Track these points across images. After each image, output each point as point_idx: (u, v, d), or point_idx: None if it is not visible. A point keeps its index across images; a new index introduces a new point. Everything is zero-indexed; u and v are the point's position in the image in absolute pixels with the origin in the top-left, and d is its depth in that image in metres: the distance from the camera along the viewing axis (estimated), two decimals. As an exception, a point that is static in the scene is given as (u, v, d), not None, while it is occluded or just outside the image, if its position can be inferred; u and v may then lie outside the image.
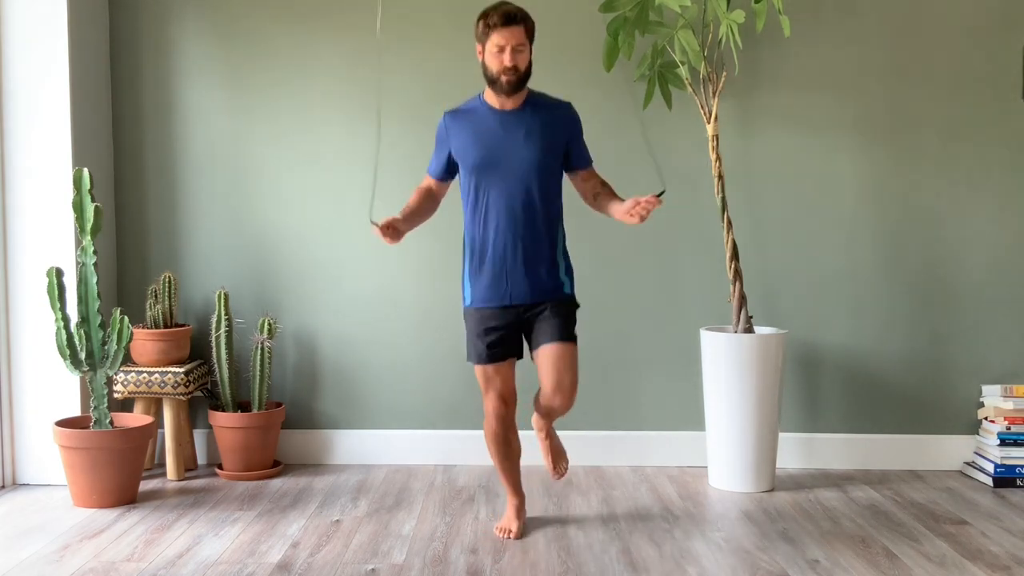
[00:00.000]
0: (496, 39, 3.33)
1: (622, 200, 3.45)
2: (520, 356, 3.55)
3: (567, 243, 3.57)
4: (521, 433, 3.66)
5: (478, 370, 3.54)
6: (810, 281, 4.47)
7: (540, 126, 3.44)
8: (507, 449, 3.58)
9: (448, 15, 4.44)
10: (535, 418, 3.62)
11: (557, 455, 3.66)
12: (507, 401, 3.53)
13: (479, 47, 3.41)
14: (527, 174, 3.41)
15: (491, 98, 3.45)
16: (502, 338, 3.48)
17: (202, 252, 4.53)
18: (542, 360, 3.45)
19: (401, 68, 4.44)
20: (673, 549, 3.44)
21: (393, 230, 3.37)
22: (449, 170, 3.55)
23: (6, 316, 4.17)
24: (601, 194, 3.54)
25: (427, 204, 3.59)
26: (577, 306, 3.54)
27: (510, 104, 3.44)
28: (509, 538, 3.53)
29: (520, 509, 3.63)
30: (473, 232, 3.48)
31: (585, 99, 4.40)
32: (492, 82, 3.38)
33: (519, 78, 3.37)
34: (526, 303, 3.45)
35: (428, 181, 3.61)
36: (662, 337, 4.49)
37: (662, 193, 3.31)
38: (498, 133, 3.42)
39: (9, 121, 4.14)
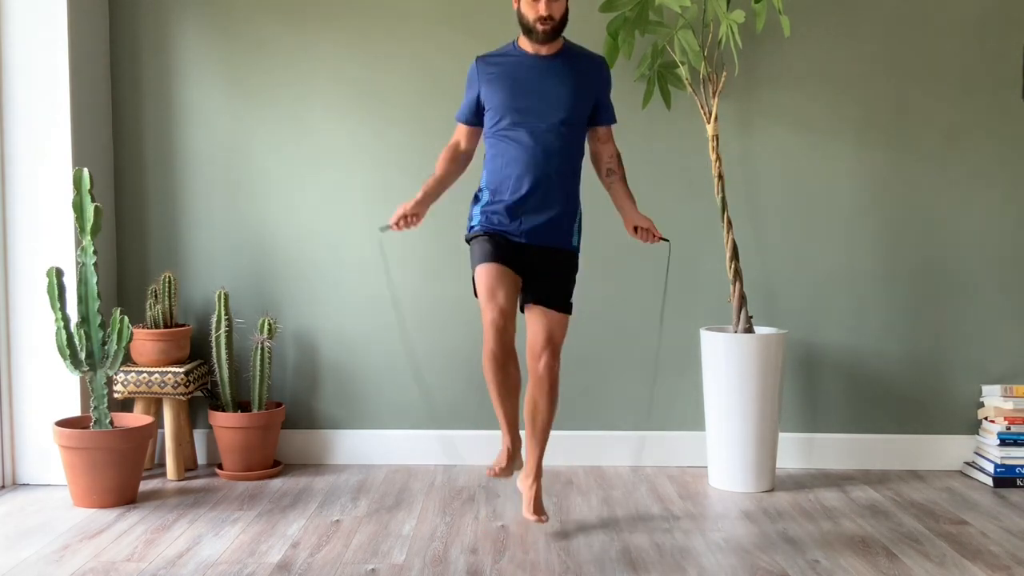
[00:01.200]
0: None
1: (633, 200, 3.62)
2: (518, 284, 3.50)
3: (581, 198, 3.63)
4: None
5: (480, 273, 3.45)
6: (810, 281, 4.47)
7: (574, 75, 3.49)
8: (503, 375, 3.46)
9: (449, 14, 4.43)
10: (520, 475, 3.64)
11: (538, 506, 3.57)
12: (508, 315, 3.41)
13: None
14: (555, 119, 3.46)
15: (525, 44, 3.52)
16: (507, 252, 3.47)
17: (202, 252, 4.53)
18: (535, 318, 3.48)
19: (401, 68, 4.44)
20: (673, 549, 3.44)
21: (410, 218, 3.48)
22: (477, 113, 3.59)
23: (6, 316, 4.17)
24: (614, 177, 3.63)
25: (455, 165, 3.66)
26: (578, 267, 3.59)
27: (545, 51, 3.50)
28: (497, 476, 3.54)
29: (512, 450, 3.61)
30: (494, 172, 3.51)
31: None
32: (528, 31, 3.44)
33: (555, 27, 3.42)
34: (534, 244, 3.48)
35: (457, 133, 3.67)
36: (662, 337, 4.48)
37: (668, 244, 3.73)
38: (530, 76, 3.48)
39: (9, 121, 4.14)
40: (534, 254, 3.50)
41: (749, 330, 4.15)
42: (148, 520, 3.73)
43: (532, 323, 3.50)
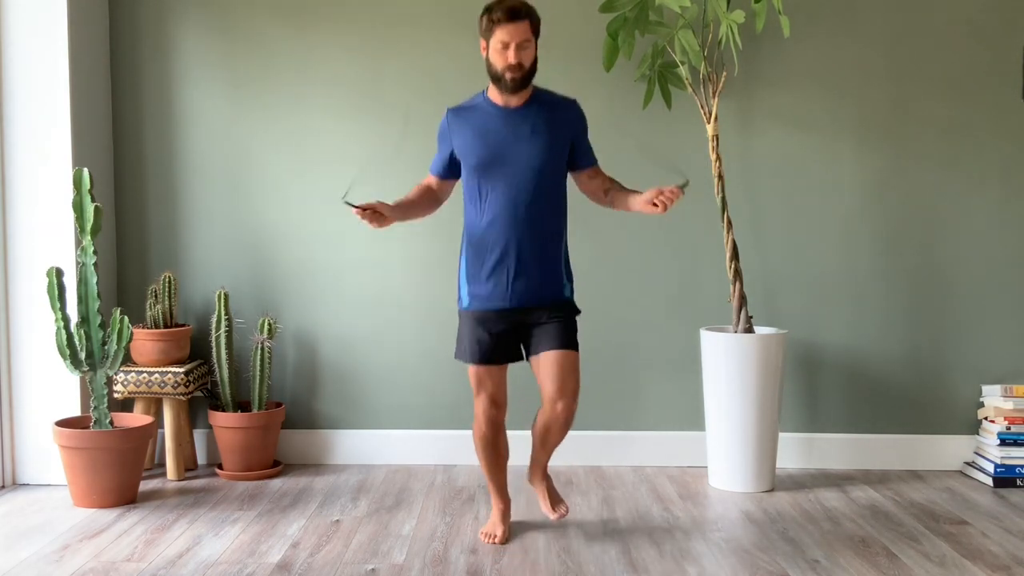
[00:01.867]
0: (500, 35, 3.24)
1: (639, 192, 3.41)
2: (515, 360, 3.48)
3: (568, 249, 3.53)
4: (510, 433, 3.61)
5: (472, 371, 3.48)
6: (810, 281, 4.47)
7: (545, 124, 3.36)
8: (495, 453, 3.52)
9: (448, 15, 4.43)
10: (529, 470, 3.64)
11: (555, 499, 3.61)
12: (499, 404, 3.48)
13: (483, 43, 3.33)
14: (532, 173, 3.33)
15: (495, 95, 3.38)
16: (499, 341, 3.41)
17: (202, 252, 4.53)
18: (544, 366, 3.38)
19: (400, 68, 4.44)
20: (673, 549, 3.44)
21: (375, 213, 3.31)
22: (451, 168, 3.48)
23: (6, 316, 4.17)
24: (613, 189, 3.49)
25: (426, 200, 3.53)
26: (578, 312, 3.49)
27: (515, 101, 3.36)
28: (494, 543, 3.48)
29: (505, 514, 3.58)
30: (474, 231, 3.40)
31: (585, 99, 4.40)
32: (496, 79, 3.31)
33: (524, 76, 3.30)
34: (526, 307, 3.38)
35: (429, 179, 3.55)
36: (662, 337, 4.49)
37: (685, 184, 3.32)
38: (502, 131, 3.35)
39: (9, 121, 4.14)
40: (527, 313, 3.39)
41: (749, 330, 4.15)
42: (148, 520, 3.73)
43: (545, 370, 3.38)
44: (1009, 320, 4.46)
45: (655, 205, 3.29)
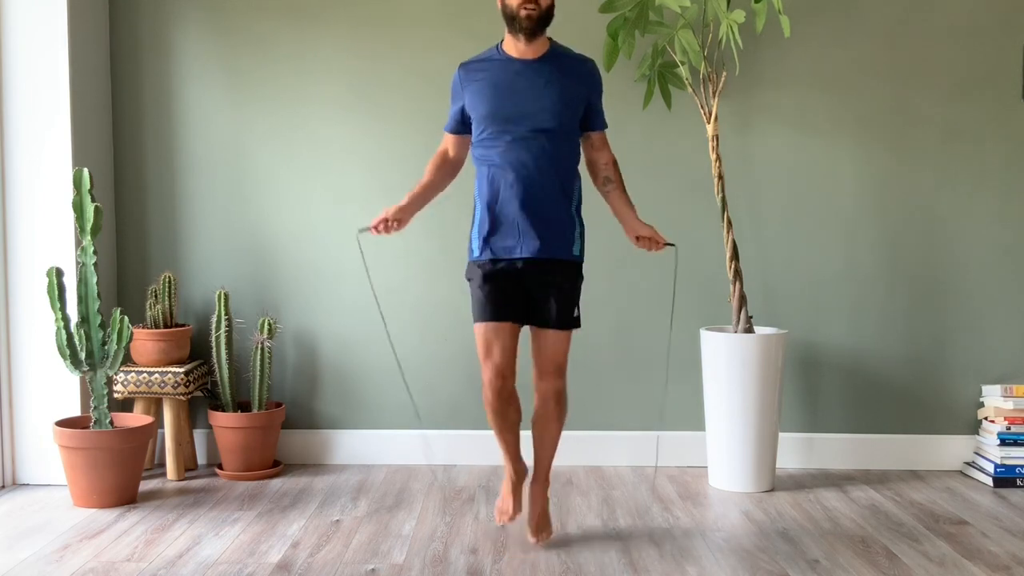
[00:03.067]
0: None
1: (633, 208, 3.46)
2: (523, 322, 3.39)
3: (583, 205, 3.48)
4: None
5: (479, 330, 3.35)
6: (810, 281, 4.47)
7: (562, 78, 3.30)
8: (503, 421, 3.40)
9: (448, 15, 4.43)
10: (531, 477, 3.55)
11: (543, 521, 3.48)
12: (505, 374, 3.33)
13: None
14: (545, 126, 3.27)
15: (509, 47, 3.33)
16: (506, 295, 3.32)
17: (202, 252, 4.53)
18: (538, 340, 3.38)
19: (400, 68, 4.44)
20: (673, 549, 3.44)
21: (389, 223, 3.33)
22: (464, 123, 3.42)
23: (6, 316, 4.17)
24: (611, 185, 3.46)
25: (442, 172, 3.50)
26: (582, 278, 3.44)
27: (530, 53, 3.30)
28: (505, 522, 3.40)
29: (517, 486, 3.48)
30: (485, 183, 3.34)
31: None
32: (511, 20, 3.24)
33: (540, 15, 3.23)
34: (536, 257, 3.30)
35: (444, 142, 3.51)
36: (662, 337, 4.48)
37: (673, 246, 3.51)
38: (515, 82, 3.29)
39: (9, 121, 4.14)
40: (535, 272, 3.33)
41: (749, 330, 4.15)
42: (148, 520, 3.73)
43: (536, 344, 3.38)
44: (1009, 320, 4.46)
45: (643, 245, 3.43)
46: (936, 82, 4.42)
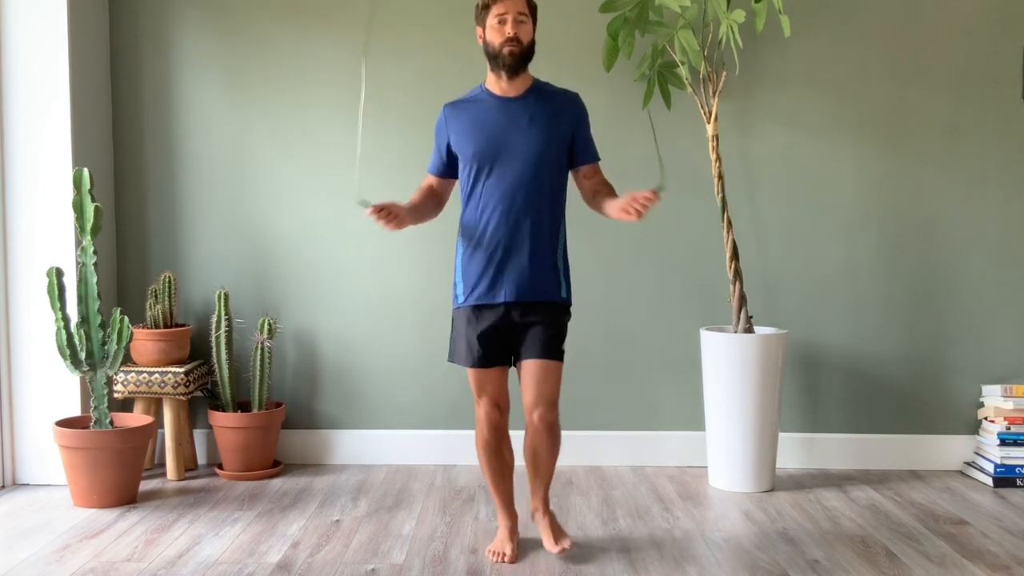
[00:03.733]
0: (497, 9, 3.20)
1: (615, 197, 3.32)
2: (510, 364, 3.38)
3: (568, 247, 3.42)
4: (513, 435, 3.56)
5: (471, 374, 3.36)
6: (810, 281, 4.47)
7: (545, 114, 3.28)
8: (499, 462, 3.40)
9: (448, 15, 4.43)
10: (531, 507, 3.50)
11: (558, 532, 3.42)
12: (501, 407, 3.35)
13: (479, 30, 3.28)
14: (530, 164, 3.24)
15: (493, 85, 3.31)
16: (495, 340, 3.31)
17: (202, 252, 4.53)
18: (525, 373, 3.31)
19: (400, 68, 4.44)
20: (673, 549, 3.44)
21: (391, 214, 3.20)
22: (449, 164, 3.39)
23: (6, 316, 4.17)
24: (600, 192, 3.37)
25: (430, 202, 3.44)
26: (569, 316, 3.38)
27: (513, 91, 3.29)
28: (502, 562, 3.32)
29: (513, 531, 3.42)
30: (470, 224, 3.31)
31: (585, 99, 4.40)
32: (494, 58, 3.24)
33: (522, 51, 3.23)
34: (521, 301, 3.27)
35: (428, 179, 3.47)
36: (662, 337, 4.49)
37: (660, 188, 3.16)
38: (500, 120, 3.27)
39: (9, 121, 4.14)
40: (521, 312, 3.28)
41: (749, 330, 4.15)
42: (148, 520, 3.73)
43: (525, 378, 3.31)
44: (1009, 320, 4.46)
45: (629, 212, 3.14)
46: (936, 82, 4.42)
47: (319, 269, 4.51)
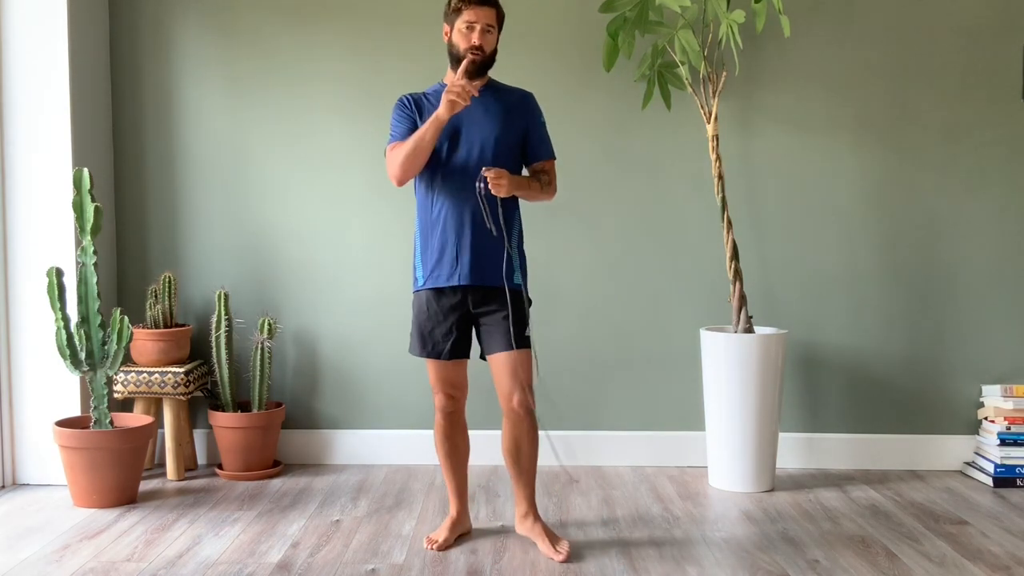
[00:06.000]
0: (467, 16, 3.30)
1: (530, 186, 3.38)
2: (469, 356, 3.45)
3: (523, 241, 3.47)
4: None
5: (429, 364, 3.44)
6: (810, 281, 4.47)
7: (498, 109, 3.39)
8: (452, 448, 3.50)
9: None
10: (516, 517, 3.53)
11: (554, 538, 3.42)
12: (456, 396, 3.46)
13: (446, 27, 3.37)
14: (487, 151, 3.34)
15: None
16: (452, 329, 3.38)
17: (202, 252, 4.53)
18: (497, 367, 3.36)
19: (400, 68, 4.44)
20: (673, 549, 3.44)
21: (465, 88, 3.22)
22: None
23: (6, 316, 4.17)
24: (536, 185, 3.43)
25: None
26: (529, 303, 3.43)
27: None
28: (431, 549, 3.39)
29: (456, 522, 3.52)
30: (425, 212, 3.40)
31: (585, 100, 4.42)
32: (456, 60, 3.34)
33: (484, 61, 3.33)
34: (476, 285, 3.33)
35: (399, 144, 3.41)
36: (662, 337, 4.49)
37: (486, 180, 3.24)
38: (457, 114, 3.30)
39: (9, 121, 4.14)
40: (479, 297, 3.36)
41: (749, 330, 4.15)
42: (148, 520, 3.73)
43: (497, 371, 3.36)
44: (1009, 320, 4.46)
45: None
46: (936, 82, 4.42)
47: (319, 269, 4.52)
